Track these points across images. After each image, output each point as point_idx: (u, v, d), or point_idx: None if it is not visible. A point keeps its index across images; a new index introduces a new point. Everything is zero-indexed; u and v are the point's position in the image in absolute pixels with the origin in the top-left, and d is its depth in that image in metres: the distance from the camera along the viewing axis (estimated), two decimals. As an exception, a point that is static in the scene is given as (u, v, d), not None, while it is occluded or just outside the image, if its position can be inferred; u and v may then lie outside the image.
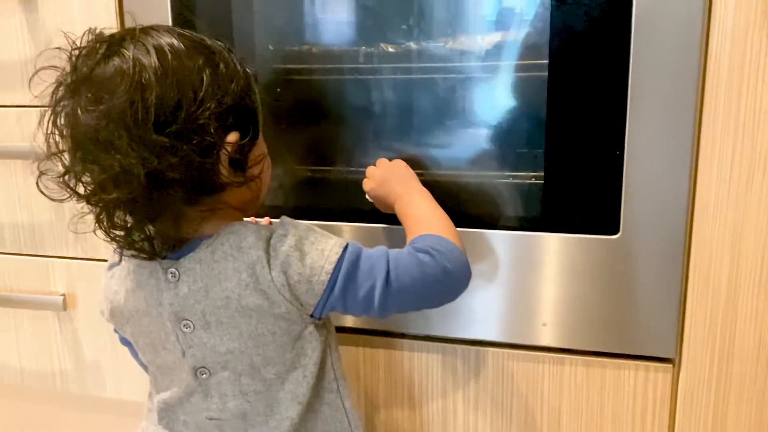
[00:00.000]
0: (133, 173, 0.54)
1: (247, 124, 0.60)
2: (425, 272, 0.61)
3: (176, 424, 0.67)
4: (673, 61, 0.68)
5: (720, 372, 0.74)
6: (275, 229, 0.60)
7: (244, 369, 0.62)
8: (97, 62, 0.56)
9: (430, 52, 0.77)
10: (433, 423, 0.85)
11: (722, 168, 0.69)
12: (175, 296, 0.60)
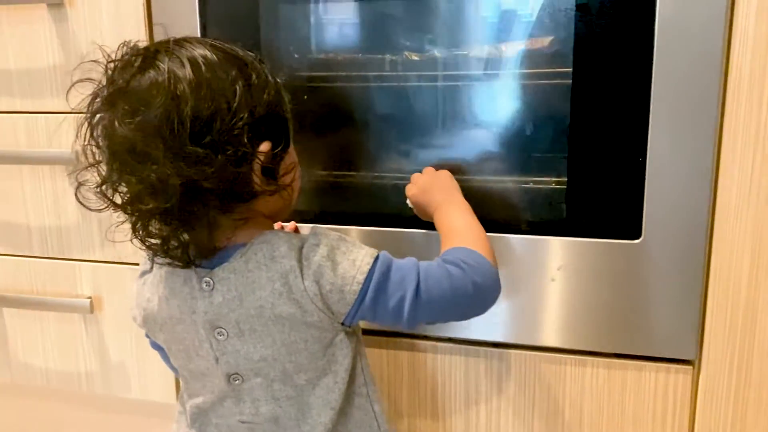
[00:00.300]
0: (169, 183, 0.55)
1: (278, 134, 0.61)
2: (455, 285, 0.62)
3: (208, 427, 0.68)
4: (695, 68, 0.69)
5: (740, 373, 0.76)
6: (307, 239, 0.61)
7: (277, 375, 0.63)
8: (133, 75, 0.57)
9: (455, 61, 0.79)
10: (456, 424, 0.86)
11: (743, 173, 0.71)
12: (210, 305, 0.61)
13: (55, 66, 0.92)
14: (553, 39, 0.75)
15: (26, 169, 0.96)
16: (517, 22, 0.76)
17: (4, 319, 1.03)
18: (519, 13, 0.76)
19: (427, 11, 0.78)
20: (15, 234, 0.99)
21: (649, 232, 0.74)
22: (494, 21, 0.77)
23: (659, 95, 0.71)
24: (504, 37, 0.77)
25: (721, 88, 0.69)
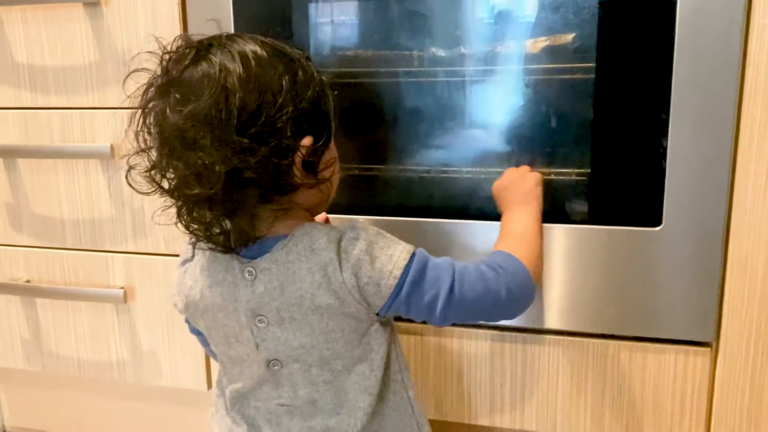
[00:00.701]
0: (214, 171, 0.58)
1: (321, 129, 0.64)
2: (488, 288, 0.65)
3: (248, 409, 0.70)
4: (714, 62, 0.73)
5: (756, 355, 0.79)
6: (345, 232, 0.63)
7: (314, 361, 0.65)
8: (186, 66, 0.60)
9: (482, 57, 0.82)
10: (481, 407, 0.90)
11: (760, 163, 0.74)
12: (252, 294, 0.63)
13: (90, 63, 0.94)
14: (576, 35, 0.78)
15: (60, 164, 0.99)
16: (541, 20, 0.79)
17: (37, 311, 1.06)
18: (544, 10, 0.79)
19: (454, 9, 0.81)
20: (49, 227, 1.02)
21: (669, 219, 0.77)
22: (521, 19, 0.80)
23: (679, 88, 0.74)
24: (529, 33, 0.80)
25: (739, 81, 0.73)
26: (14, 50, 0.97)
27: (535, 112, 0.82)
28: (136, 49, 0.91)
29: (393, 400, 0.69)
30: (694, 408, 0.83)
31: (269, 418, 0.69)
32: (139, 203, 0.97)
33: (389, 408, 0.69)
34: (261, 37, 0.64)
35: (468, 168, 0.83)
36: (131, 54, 0.92)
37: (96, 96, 0.95)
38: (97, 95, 0.95)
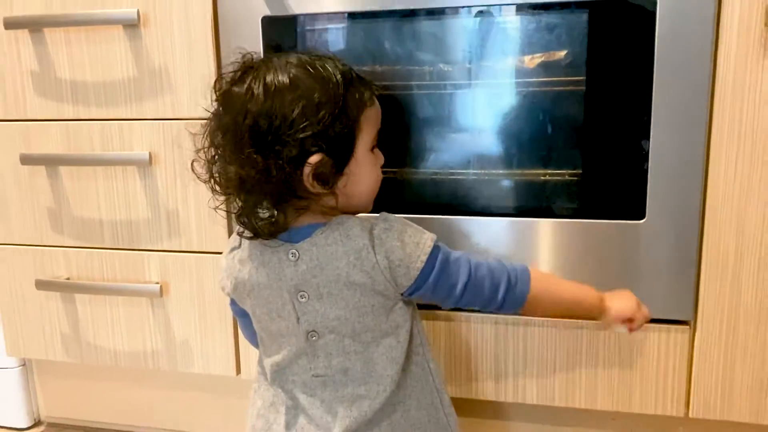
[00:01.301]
0: (232, 175, 0.71)
1: (334, 147, 0.71)
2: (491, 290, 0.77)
3: (286, 383, 0.79)
4: (688, 76, 0.84)
5: (728, 331, 0.90)
6: (377, 223, 0.73)
7: (347, 332, 0.75)
8: (231, 84, 0.73)
9: (485, 70, 0.93)
10: (487, 383, 1.00)
11: (728, 164, 0.86)
12: (295, 272, 0.73)
13: (128, 78, 1.04)
14: (568, 52, 0.89)
15: (100, 170, 1.08)
16: (538, 38, 0.89)
17: (76, 306, 1.15)
18: (539, 30, 0.90)
19: (461, 30, 0.92)
20: (88, 228, 1.11)
21: (651, 213, 0.88)
22: (520, 38, 0.90)
23: (658, 98, 0.85)
24: (527, 51, 0.90)
25: (710, 94, 0.84)
26: (57, 67, 1.06)
27: (533, 120, 0.92)
28: (171, 66, 1.01)
29: (415, 371, 0.79)
30: (675, 380, 0.94)
31: (305, 389, 0.78)
32: (174, 206, 1.06)
33: (412, 379, 0.78)
34: (304, 56, 0.73)
35: (473, 170, 0.94)
36: (167, 70, 1.02)
37: (134, 108, 1.05)
38: (135, 108, 1.05)
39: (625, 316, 0.83)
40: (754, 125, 0.84)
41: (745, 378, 0.91)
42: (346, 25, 0.95)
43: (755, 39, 0.82)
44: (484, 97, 0.94)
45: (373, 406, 0.75)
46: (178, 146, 1.04)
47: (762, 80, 0.83)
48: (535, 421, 1.06)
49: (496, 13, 0.90)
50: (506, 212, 0.94)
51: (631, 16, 0.85)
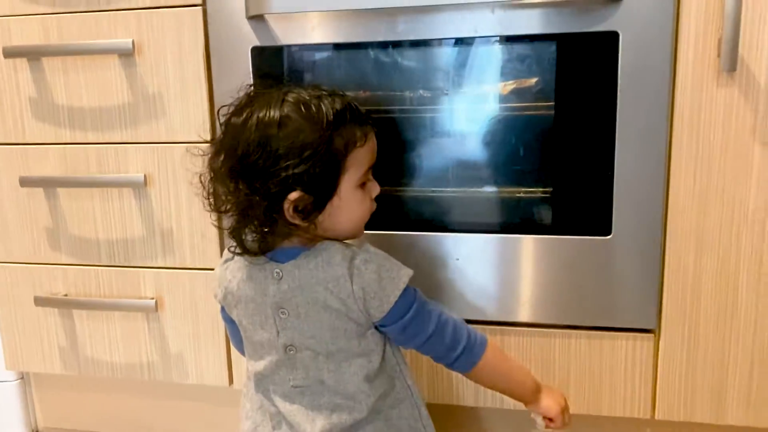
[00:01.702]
0: (224, 199, 0.78)
1: (315, 185, 0.75)
2: (449, 347, 0.82)
3: (268, 392, 0.84)
4: (649, 103, 0.91)
5: (690, 338, 0.97)
6: (359, 253, 0.77)
7: (321, 351, 0.80)
8: (233, 113, 0.79)
9: (462, 97, 0.99)
10: (467, 390, 1.06)
11: (687, 183, 0.92)
12: (278, 290, 0.78)
13: (123, 104, 1.09)
14: (539, 79, 0.96)
15: (96, 192, 1.13)
16: (510, 67, 0.96)
17: (74, 321, 1.20)
18: (512, 60, 0.96)
19: (439, 59, 0.98)
20: (85, 247, 1.16)
21: (617, 229, 0.95)
22: (493, 67, 0.97)
23: (622, 123, 0.92)
24: (501, 78, 0.97)
25: (669, 118, 0.91)
26: (55, 94, 1.11)
27: (507, 142, 0.98)
28: (165, 92, 1.07)
29: (397, 386, 0.84)
30: (642, 384, 1.00)
31: (285, 398, 0.82)
32: (168, 225, 1.11)
33: (395, 391, 0.84)
34: (303, 93, 0.77)
35: (451, 189, 1.00)
36: (161, 96, 1.07)
37: (129, 132, 1.10)
38: (130, 132, 1.10)
39: (548, 414, 0.88)
40: (710, 146, 0.91)
41: (706, 382, 0.98)
42: (330, 54, 1.01)
43: (709, 68, 0.89)
44: (461, 121, 1.00)
45: (353, 416, 0.80)
46: (171, 168, 1.09)
47: (716, 105, 0.89)
48: (513, 425, 1.13)
49: (472, 44, 0.96)
50: (482, 229, 1.00)
51: (595, 46, 0.91)
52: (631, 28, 0.89)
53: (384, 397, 0.83)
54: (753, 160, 0.90)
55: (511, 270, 1.00)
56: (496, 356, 0.85)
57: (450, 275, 1.02)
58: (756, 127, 0.89)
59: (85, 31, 1.07)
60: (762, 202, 0.91)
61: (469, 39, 0.96)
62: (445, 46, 0.97)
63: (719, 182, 0.91)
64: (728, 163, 0.91)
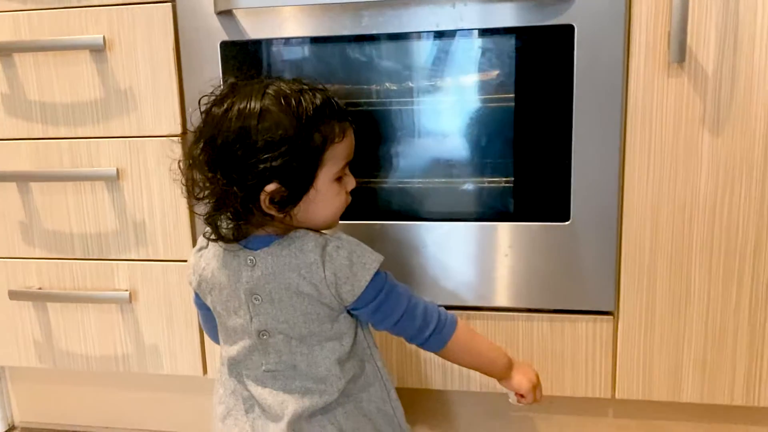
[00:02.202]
0: (202, 187, 0.80)
1: (291, 178, 0.77)
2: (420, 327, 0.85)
3: (240, 376, 0.86)
4: (604, 94, 0.94)
5: (646, 319, 1.01)
6: (330, 240, 0.79)
7: (294, 335, 0.82)
8: (214, 103, 0.80)
9: (427, 89, 1.02)
10: (436, 370, 1.09)
11: (641, 170, 0.96)
12: (251, 276, 0.81)
13: (95, 99, 1.11)
14: (499, 72, 0.99)
15: (69, 186, 1.15)
16: (472, 60, 0.99)
17: (48, 314, 1.21)
18: (474, 53, 0.99)
19: (404, 53, 1.01)
20: (59, 240, 1.18)
21: (575, 215, 0.99)
22: (455, 60, 1.00)
23: (579, 115, 0.96)
24: (463, 71, 1.00)
25: (623, 110, 0.95)
26: (27, 90, 1.13)
27: (470, 133, 1.02)
28: (136, 87, 1.09)
29: (367, 369, 0.87)
30: (602, 365, 1.04)
31: (257, 382, 0.85)
32: (141, 218, 1.13)
33: (365, 375, 0.87)
34: (284, 87, 0.78)
35: (419, 179, 1.03)
36: (132, 91, 1.09)
37: (101, 127, 1.12)
38: (102, 126, 1.12)
39: (519, 391, 0.91)
40: (662, 135, 0.95)
41: (663, 361, 1.02)
42: (298, 48, 1.04)
43: (660, 59, 0.93)
44: (426, 114, 1.03)
45: (324, 398, 0.82)
46: (143, 162, 1.11)
47: (666, 95, 0.93)
48: (480, 407, 1.16)
49: (435, 38, 0.99)
50: (448, 217, 1.04)
51: (552, 39, 0.95)
52: (585, 22, 0.93)
53: (354, 381, 0.85)
54: (703, 148, 0.94)
55: (475, 256, 1.03)
56: (467, 335, 0.88)
57: (417, 262, 1.05)
58: (705, 115, 0.93)
59: (56, 27, 1.09)
60: (712, 187, 0.95)
61: (431, 33, 0.99)
62: (408, 40, 1.00)
63: (672, 169, 0.96)
64: (680, 151, 0.95)
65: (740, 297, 0.97)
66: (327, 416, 0.83)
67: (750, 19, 0.90)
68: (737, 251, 0.96)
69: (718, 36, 0.91)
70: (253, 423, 0.85)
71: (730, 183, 0.94)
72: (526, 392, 0.91)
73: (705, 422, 1.09)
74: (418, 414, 0.93)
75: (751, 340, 0.99)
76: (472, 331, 0.91)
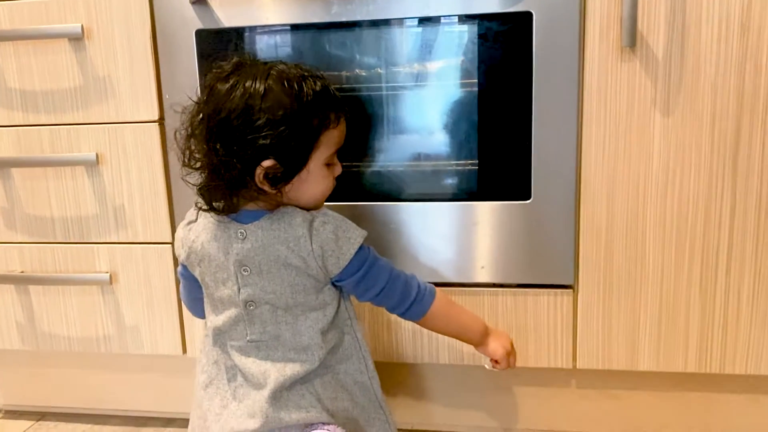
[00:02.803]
0: (199, 158, 0.84)
1: (287, 156, 0.82)
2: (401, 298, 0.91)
3: (225, 346, 0.91)
4: (561, 78, 0.99)
5: (605, 292, 1.06)
6: (317, 216, 0.85)
7: (281, 305, 0.87)
8: (218, 79, 0.84)
9: (393, 75, 1.07)
10: (407, 345, 1.14)
11: (597, 150, 1.02)
12: (241, 249, 0.85)
13: (75, 87, 1.14)
14: (463, 59, 1.04)
15: (50, 171, 1.18)
16: (438, 48, 1.04)
17: (31, 297, 1.25)
18: (439, 41, 1.04)
19: (372, 40, 1.06)
20: (40, 225, 1.21)
21: (536, 194, 1.04)
22: (421, 46, 1.05)
23: (539, 98, 1.01)
24: (429, 57, 1.05)
25: (580, 93, 1.00)
26: (7, 77, 1.16)
27: (436, 118, 1.07)
28: (114, 74, 1.12)
29: (346, 340, 0.92)
30: (563, 336, 1.09)
31: (241, 351, 0.89)
32: (120, 202, 1.17)
33: (344, 348, 0.91)
34: (289, 70, 0.84)
35: (389, 162, 1.08)
36: (111, 78, 1.13)
37: (80, 113, 1.15)
38: (82, 113, 1.15)
39: (494, 357, 0.98)
40: (616, 116, 1.00)
41: (621, 332, 1.08)
42: (270, 36, 1.08)
43: (613, 44, 0.98)
44: (394, 98, 1.08)
45: (304, 367, 0.87)
46: (122, 147, 1.14)
47: (620, 78, 0.99)
48: (449, 379, 1.21)
49: (404, 26, 1.04)
50: (417, 198, 1.08)
51: (512, 26, 1.00)
52: (543, 9, 0.98)
53: (333, 352, 0.90)
54: (654, 127, 1.00)
55: (443, 234, 1.08)
56: (445, 305, 0.95)
57: (386, 240, 1.09)
58: (656, 97, 0.99)
59: (35, 16, 1.12)
60: (663, 164, 1.00)
61: (399, 20, 1.03)
62: (377, 27, 1.05)
63: (626, 148, 1.01)
64: (633, 131, 1.00)
65: (692, 270, 1.03)
66: (305, 385, 0.88)
67: (696, 4, 0.95)
68: (688, 226, 1.02)
69: (667, 21, 0.96)
70: (234, 391, 0.89)
71: (680, 161, 1.00)
72: (501, 358, 0.98)
73: (661, 390, 1.15)
74: (390, 387, 0.98)
75: (702, 310, 1.04)
76: (450, 300, 0.97)
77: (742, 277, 1.02)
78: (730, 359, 1.05)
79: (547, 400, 1.20)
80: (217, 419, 0.88)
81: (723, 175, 0.99)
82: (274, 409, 0.85)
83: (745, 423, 1.14)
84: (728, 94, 0.97)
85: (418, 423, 1.24)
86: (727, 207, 1.00)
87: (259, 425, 0.85)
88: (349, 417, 0.91)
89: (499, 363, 0.98)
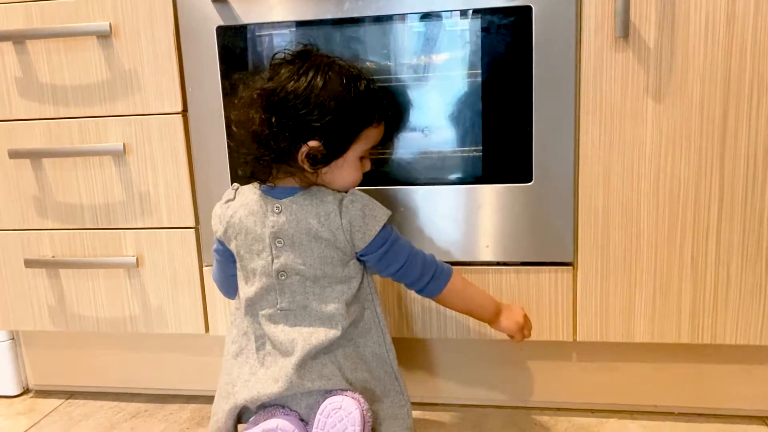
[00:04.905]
0: (250, 127, 0.93)
1: (331, 140, 0.92)
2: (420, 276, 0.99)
3: (256, 315, 0.98)
4: (559, 68, 1.06)
5: (602, 269, 1.13)
6: (346, 195, 0.94)
7: (310, 276, 0.95)
8: (284, 61, 0.95)
9: (401, 67, 1.14)
10: (415, 321, 1.21)
11: (593, 135, 1.08)
12: (277, 221, 0.94)
13: (102, 81, 1.22)
14: (468, 51, 1.11)
15: (79, 161, 1.26)
16: (443, 41, 1.11)
17: (61, 281, 1.32)
18: (444, 34, 1.11)
19: (382, 34, 1.13)
20: (70, 212, 1.28)
21: (537, 177, 1.11)
22: (428, 40, 1.12)
23: (538, 86, 1.07)
24: (435, 50, 1.12)
25: (577, 83, 1.07)
26: (39, 74, 1.23)
27: (443, 107, 1.14)
28: (140, 69, 1.20)
29: (367, 315, 0.99)
30: (564, 311, 1.16)
31: (270, 320, 0.96)
32: (146, 189, 1.24)
33: (364, 320, 0.99)
34: (351, 68, 0.96)
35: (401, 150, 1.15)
36: (136, 73, 1.20)
37: (108, 107, 1.23)
38: (109, 106, 1.23)
39: (508, 333, 1.07)
40: (611, 103, 1.07)
41: (617, 305, 1.14)
42: (287, 31, 1.15)
43: (608, 35, 1.05)
44: (402, 90, 1.15)
45: (328, 337, 0.94)
46: (148, 138, 1.22)
47: (614, 67, 1.06)
48: (455, 352, 1.28)
49: (412, 21, 1.11)
50: (426, 182, 1.15)
51: (513, 19, 1.07)
52: (542, 2, 1.05)
53: (355, 324, 0.97)
54: (647, 113, 1.06)
55: (451, 216, 1.15)
56: (460, 283, 1.03)
57: (397, 222, 1.16)
58: (648, 84, 1.05)
59: (65, 15, 1.20)
60: (656, 147, 1.07)
61: (408, 16, 1.10)
62: (387, 22, 1.12)
63: (621, 133, 1.08)
64: (627, 116, 1.07)
65: (683, 246, 1.10)
66: (329, 356, 0.95)
67: (684, -2, 1.02)
68: (679, 205, 1.09)
69: (657, 13, 1.03)
70: (263, 359, 0.97)
71: (671, 144, 1.07)
72: (514, 333, 1.06)
73: (658, 362, 1.22)
74: (401, 361, 1.04)
75: (694, 285, 1.11)
76: (465, 280, 1.04)
77: (731, 253, 1.09)
78: (720, 330, 1.12)
79: (551, 372, 1.27)
80: (245, 385, 0.95)
81: (711, 157, 1.06)
82: (299, 375, 0.92)
83: (737, 393, 1.21)
84: (715, 81, 1.04)
85: (427, 396, 1.32)
86: (716, 187, 1.07)
87: (284, 389, 0.92)
88: (367, 387, 0.98)
89: (514, 337, 1.07)
